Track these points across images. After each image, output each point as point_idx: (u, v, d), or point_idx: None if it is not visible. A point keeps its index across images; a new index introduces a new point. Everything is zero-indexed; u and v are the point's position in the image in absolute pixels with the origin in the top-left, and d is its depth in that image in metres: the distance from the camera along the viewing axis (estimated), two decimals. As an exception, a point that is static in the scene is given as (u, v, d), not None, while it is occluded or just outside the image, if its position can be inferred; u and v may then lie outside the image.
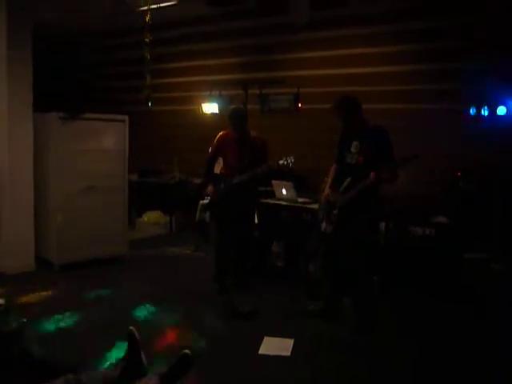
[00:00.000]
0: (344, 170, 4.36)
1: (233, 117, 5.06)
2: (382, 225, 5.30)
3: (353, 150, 4.29)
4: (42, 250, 5.94)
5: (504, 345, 4.11)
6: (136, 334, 3.20)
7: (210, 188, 5.23)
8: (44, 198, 5.88)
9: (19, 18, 5.56)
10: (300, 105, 6.96)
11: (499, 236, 5.08)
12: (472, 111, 5.56)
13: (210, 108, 7.55)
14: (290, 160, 4.85)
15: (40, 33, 6.29)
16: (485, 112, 5.48)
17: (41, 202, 5.88)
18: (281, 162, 4.90)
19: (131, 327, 3.25)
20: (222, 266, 5.26)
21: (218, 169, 5.46)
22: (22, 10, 5.51)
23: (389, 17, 6.31)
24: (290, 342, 4.01)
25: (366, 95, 4.38)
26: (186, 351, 3.17)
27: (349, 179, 4.20)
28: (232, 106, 5.43)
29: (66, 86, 9.15)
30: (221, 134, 5.26)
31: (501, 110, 5.41)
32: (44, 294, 5.06)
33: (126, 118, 6.27)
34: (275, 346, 3.95)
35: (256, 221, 6.03)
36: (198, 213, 7.26)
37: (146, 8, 5.88)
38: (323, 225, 4.42)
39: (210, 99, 7.56)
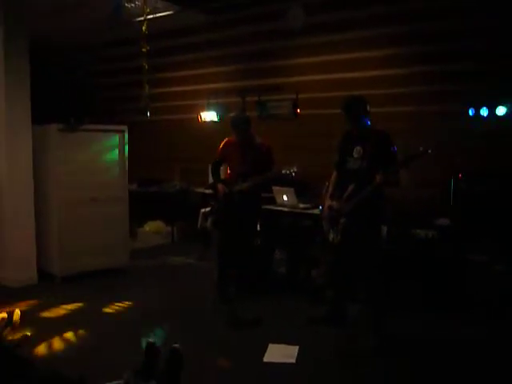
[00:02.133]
0: (346, 176, 4.29)
1: (234, 123, 5.09)
2: (384, 229, 5.26)
3: (355, 155, 4.21)
4: (43, 262, 5.91)
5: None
6: (156, 346, 3.16)
7: (220, 186, 5.17)
8: (45, 209, 5.86)
9: (16, 30, 5.56)
10: (299, 110, 6.97)
11: (501, 237, 5.04)
12: (471, 112, 5.54)
13: (209, 116, 7.57)
14: (293, 170, 4.86)
15: (38, 44, 6.30)
16: (484, 113, 5.47)
17: (42, 214, 5.87)
18: (283, 171, 4.92)
19: (149, 339, 3.23)
20: (224, 274, 5.24)
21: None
22: (18, 23, 5.54)
23: (386, 19, 6.31)
24: (294, 349, 3.98)
25: (364, 99, 4.35)
26: (175, 345, 3.14)
27: (352, 186, 4.14)
28: (234, 113, 5.45)
29: (65, 97, 9.15)
30: (226, 139, 5.29)
31: (500, 111, 5.39)
32: (47, 306, 5.03)
33: (125, 127, 6.27)
34: (280, 354, 3.92)
35: (258, 228, 6.03)
36: (199, 221, 7.25)
37: (142, 18, 5.90)
38: (330, 235, 4.34)
39: (208, 107, 7.58)
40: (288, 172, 4.89)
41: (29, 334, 4.12)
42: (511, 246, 4.95)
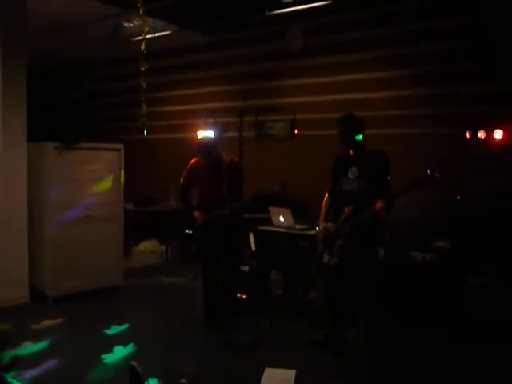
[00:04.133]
0: (341, 198, 4.25)
1: (200, 149, 4.96)
2: (381, 251, 5.21)
3: (350, 176, 4.18)
4: (36, 282, 5.83)
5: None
6: (138, 368, 3.12)
7: (197, 215, 4.95)
8: (39, 228, 5.79)
9: (14, 49, 5.57)
10: (296, 131, 6.97)
11: (501, 260, 5.01)
12: (469, 135, 5.55)
13: (206, 135, 7.54)
14: (278, 187, 4.72)
15: (35, 63, 6.30)
16: (481, 136, 5.48)
17: (35, 233, 5.80)
18: (269, 188, 4.76)
19: (133, 362, 3.18)
20: (210, 300, 5.04)
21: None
22: (16, 42, 5.54)
23: (383, 42, 6.38)
24: (291, 373, 3.90)
25: (362, 121, 4.34)
26: (183, 381, 3.10)
27: (350, 208, 4.08)
28: (200, 138, 5.38)
29: (62, 116, 9.14)
30: (192, 161, 5.09)
31: (498, 134, 5.40)
32: (38, 327, 4.94)
33: (121, 146, 6.24)
34: (277, 378, 3.84)
35: (253, 248, 5.97)
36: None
37: (141, 38, 5.90)
38: (325, 257, 4.28)
39: (205, 127, 7.56)
40: (273, 189, 4.73)
41: (19, 355, 4.03)
42: (510, 269, 4.93)
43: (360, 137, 4.18)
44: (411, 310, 5.06)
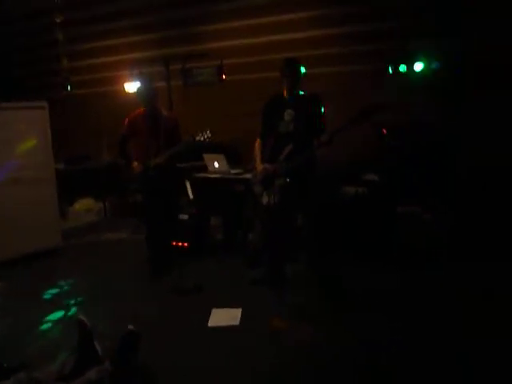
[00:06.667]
0: (278, 140, 4.29)
1: (141, 94, 4.94)
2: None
3: (286, 117, 4.24)
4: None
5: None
6: (86, 322, 3.15)
7: (135, 164, 4.97)
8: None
9: None
10: (224, 76, 6.91)
11: (427, 188, 5.29)
12: (390, 69, 5.71)
13: (133, 87, 7.36)
14: (207, 134, 4.69)
15: None
16: (403, 69, 5.64)
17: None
18: (197, 137, 4.72)
19: (80, 316, 3.21)
20: (154, 248, 5.15)
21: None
22: None
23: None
24: (237, 312, 4.07)
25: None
26: (130, 327, 3.17)
27: (290, 146, 4.16)
28: (140, 84, 5.33)
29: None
30: (131, 114, 5.08)
31: (417, 67, 5.58)
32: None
33: (45, 103, 6.01)
34: (224, 317, 4.00)
35: (191, 197, 6.01)
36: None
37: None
38: (265, 198, 4.37)
39: (131, 78, 7.36)
40: (202, 138, 4.71)
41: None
42: (437, 196, 5.22)
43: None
44: (349, 241, 5.30)
